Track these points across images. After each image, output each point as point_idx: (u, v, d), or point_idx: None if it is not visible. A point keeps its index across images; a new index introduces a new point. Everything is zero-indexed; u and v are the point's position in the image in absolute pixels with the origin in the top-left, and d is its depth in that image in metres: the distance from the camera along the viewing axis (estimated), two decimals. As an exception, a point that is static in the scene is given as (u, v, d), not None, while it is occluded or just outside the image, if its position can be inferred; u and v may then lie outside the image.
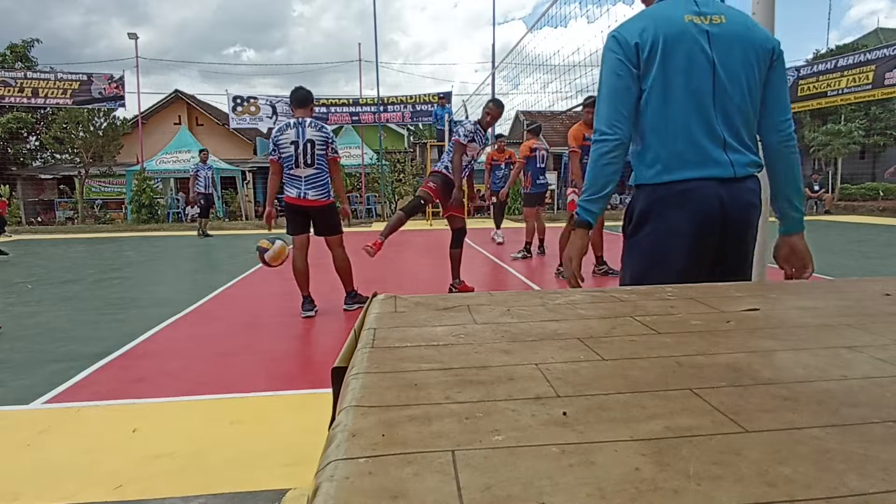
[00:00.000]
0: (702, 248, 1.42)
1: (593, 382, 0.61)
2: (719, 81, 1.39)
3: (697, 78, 1.38)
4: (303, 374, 2.95)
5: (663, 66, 1.39)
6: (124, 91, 15.90)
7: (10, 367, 3.09)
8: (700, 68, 1.38)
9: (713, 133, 1.40)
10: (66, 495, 1.74)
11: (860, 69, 13.38)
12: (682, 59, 1.38)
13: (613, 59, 1.43)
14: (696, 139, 1.40)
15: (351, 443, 0.46)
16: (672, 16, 1.41)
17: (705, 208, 1.39)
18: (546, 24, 13.40)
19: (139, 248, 9.93)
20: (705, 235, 1.41)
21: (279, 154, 4.03)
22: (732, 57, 1.40)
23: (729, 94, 1.40)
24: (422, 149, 19.96)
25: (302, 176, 4.01)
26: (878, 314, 0.89)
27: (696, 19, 1.40)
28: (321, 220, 4.15)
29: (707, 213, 1.39)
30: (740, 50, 1.40)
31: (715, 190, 1.39)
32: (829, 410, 0.52)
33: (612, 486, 0.39)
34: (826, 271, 5.73)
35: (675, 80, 1.39)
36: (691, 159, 1.40)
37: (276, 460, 1.94)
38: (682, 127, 1.40)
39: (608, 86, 1.45)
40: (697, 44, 1.38)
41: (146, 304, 4.75)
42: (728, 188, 1.40)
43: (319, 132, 4.04)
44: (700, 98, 1.39)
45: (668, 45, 1.38)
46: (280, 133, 4.03)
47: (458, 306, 0.98)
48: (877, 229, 10.62)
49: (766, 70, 1.44)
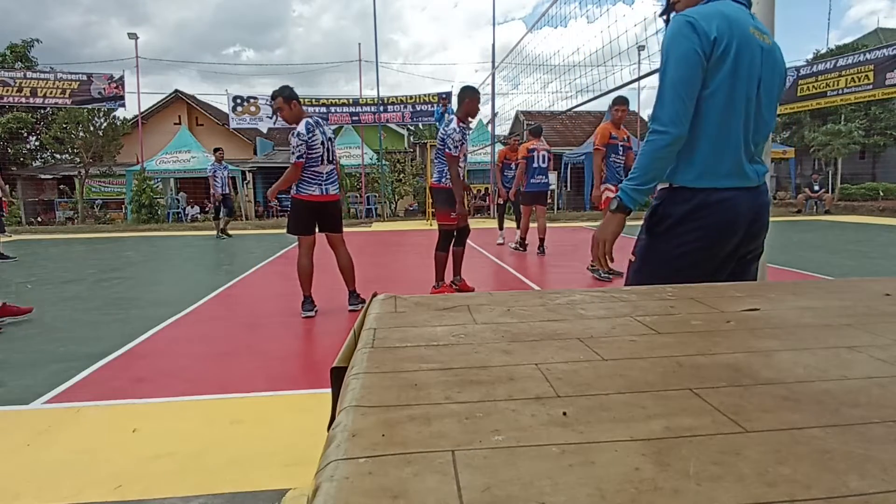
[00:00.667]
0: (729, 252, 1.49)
1: (593, 382, 0.61)
2: (760, 99, 1.45)
3: (749, 91, 1.42)
4: (303, 375, 2.95)
5: (734, 72, 1.38)
6: (124, 91, 15.90)
7: (10, 367, 3.09)
8: (753, 83, 1.42)
9: (747, 145, 1.46)
10: (66, 495, 1.74)
11: (860, 69, 13.38)
12: (746, 69, 1.40)
13: (688, 46, 1.37)
14: (738, 149, 1.45)
15: (351, 443, 0.46)
16: (742, 21, 1.41)
17: (738, 216, 1.45)
18: (546, 23, 13.43)
19: (139, 248, 9.93)
20: (733, 241, 1.47)
21: (308, 155, 4.01)
22: (772, 79, 1.47)
23: (763, 112, 1.47)
24: (422, 149, 19.97)
25: (324, 172, 4.11)
26: (878, 314, 0.89)
27: (756, 33, 1.43)
28: (334, 216, 4.23)
29: (737, 222, 1.45)
30: (778, 74, 1.48)
31: (746, 199, 1.46)
32: (829, 410, 0.52)
33: (612, 486, 0.39)
34: (826, 271, 5.73)
35: (738, 88, 1.40)
36: (731, 168, 1.45)
37: (276, 460, 1.94)
38: (733, 136, 1.43)
39: (678, 74, 1.38)
40: (757, 58, 1.41)
41: (146, 304, 4.75)
42: (755, 195, 1.49)
43: (329, 129, 4.21)
44: (748, 111, 1.43)
45: (741, 52, 1.38)
46: (311, 134, 4.01)
47: (458, 306, 0.98)
48: (877, 229, 10.62)
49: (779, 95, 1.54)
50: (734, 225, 1.45)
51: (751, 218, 1.47)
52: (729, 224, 1.45)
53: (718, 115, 1.41)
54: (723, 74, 1.38)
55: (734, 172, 1.45)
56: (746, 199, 1.46)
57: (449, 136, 4.37)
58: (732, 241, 1.47)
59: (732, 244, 1.47)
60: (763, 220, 1.52)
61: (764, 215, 1.52)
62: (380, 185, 17.83)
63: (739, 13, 1.43)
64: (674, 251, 1.48)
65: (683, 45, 1.38)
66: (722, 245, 1.46)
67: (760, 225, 1.52)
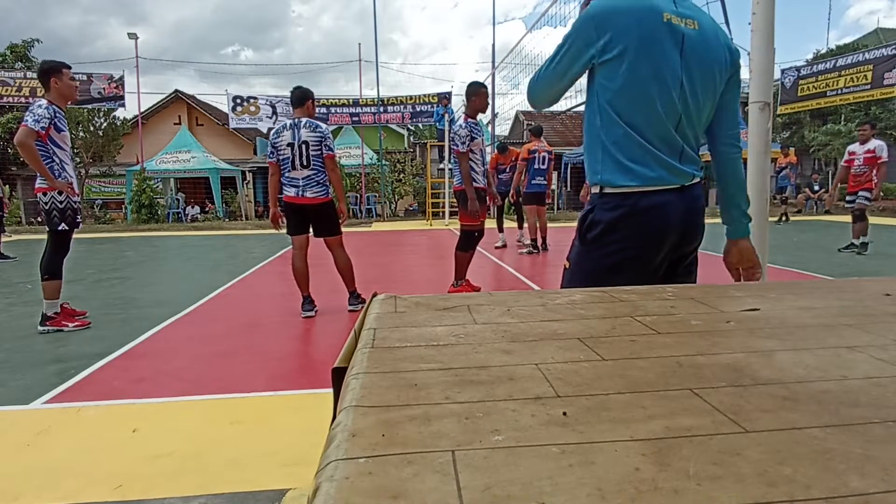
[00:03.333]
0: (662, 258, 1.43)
1: (593, 382, 0.61)
2: (685, 90, 1.37)
3: (669, 82, 1.35)
4: (303, 375, 2.95)
5: (638, 66, 1.33)
6: (124, 91, 15.90)
7: (10, 367, 3.09)
8: (670, 74, 1.34)
9: (674, 142, 1.39)
10: (66, 495, 1.74)
11: (859, 69, 13.38)
12: (658, 62, 1.33)
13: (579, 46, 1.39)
14: (665, 144, 1.38)
15: (351, 443, 0.46)
16: (656, 9, 1.34)
17: (668, 223, 1.39)
18: (546, 23, 13.43)
19: (139, 248, 9.92)
20: (664, 247, 1.41)
21: (277, 156, 4.04)
22: (701, 67, 1.37)
23: (691, 104, 1.39)
24: (422, 149, 19.95)
25: (299, 177, 4.02)
26: (878, 314, 0.89)
27: (674, 19, 1.35)
28: (320, 220, 4.15)
29: (668, 225, 1.40)
30: (709, 61, 1.39)
31: (677, 203, 1.40)
32: (829, 410, 0.52)
33: (612, 486, 0.39)
34: (826, 271, 5.73)
35: (650, 82, 1.34)
36: (658, 166, 1.38)
37: (276, 460, 1.94)
38: (656, 132, 1.37)
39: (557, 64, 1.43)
40: (672, 48, 1.34)
41: (146, 304, 4.75)
42: (687, 196, 1.42)
43: (314, 132, 4.03)
44: (671, 103, 1.36)
45: (648, 44, 1.33)
46: (277, 135, 4.05)
47: (458, 306, 0.98)
48: (877, 229, 10.62)
49: (725, 82, 1.45)
50: (665, 232, 1.40)
51: (684, 221, 1.41)
52: (660, 231, 1.40)
53: (634, 112, 1.36)
54: (627, 72, 1.33)
55: (660, 174, 1.38)
56: (678, 202, 1.40)
57: (456, 134, 4.39)
58: (664, 247, 1.42)
59: (664, 250, 1.42)
60: (697, 222, 1.46)
61: (697, 219, 1.46)
62: (380, 185, 17.83)
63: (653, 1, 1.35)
64: (605, 259, 1.43)
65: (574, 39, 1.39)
66: (653, 252, 1.41)
67: (694, 228, 1.46)
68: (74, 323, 3.93)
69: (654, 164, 1.38)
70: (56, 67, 3.83)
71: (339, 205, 4.27)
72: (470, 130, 4.40)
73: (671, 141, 1.39)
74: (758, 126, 2.07)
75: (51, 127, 3.68)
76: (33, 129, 3.58)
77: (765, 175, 2.12)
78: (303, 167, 4.01)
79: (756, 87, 2.08)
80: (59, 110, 3.77)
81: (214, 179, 17.82)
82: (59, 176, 3.74)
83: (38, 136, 3.62)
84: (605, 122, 1.40)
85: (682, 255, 1.48)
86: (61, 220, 3.75)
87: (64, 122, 3.82)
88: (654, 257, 1.42)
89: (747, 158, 2.15)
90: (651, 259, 1.42)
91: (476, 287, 4.73)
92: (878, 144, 7.12)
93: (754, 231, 2.14)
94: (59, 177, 3.74)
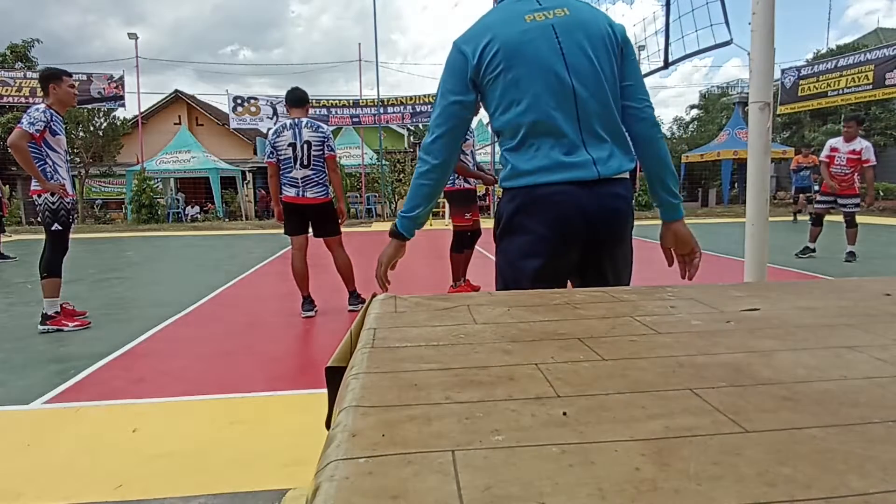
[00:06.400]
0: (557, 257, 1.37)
1: (593, 382, 0.61)
2: (575, 75, 1.32)
3: (550, 77, 1.32)
4: (303, 375, 2.95)
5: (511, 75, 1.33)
6: (124, 91, 15.91)
7: (10, 367, 3.09)
8: (551, 67, 1.32)
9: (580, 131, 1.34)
10: (66, 495, 1.74)
11: (860, 69, 13.38)
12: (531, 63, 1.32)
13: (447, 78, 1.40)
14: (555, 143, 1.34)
15: (351, 443, 0.46)
16: (512, 18, 1.35)
17: (564, 214, 1.33)
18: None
19: (139, 248, 9.93)
20: (562, 244, 1.35)
21: (277, 156, 4.04)
22: (582, 46, 1.33)
23: (587, 86, 1.33)
24: (422, 149, 19.94)
25: (299, 177, 4.02)
26: (878, 314, 0.89)
27: (538, 16, 1.34)
28: (319, 220, 4.15)
29: (565, 220, 1.33)
30: (588, 38, 1.34)
31: (580, 195, 1.32)
32: (829, 410, 0.52)
33: (612, 486, 0.39)
34: (826, 271, 5.73)
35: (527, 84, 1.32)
36: (547, 164, 1.33)
37: (276, 460, 1.94)
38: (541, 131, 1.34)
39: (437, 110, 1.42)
40: (545, 42, 1.33)
41: (146, 304, 4.75)
42: (592, 191, 1.32)
43: (316, 132, 4.04)
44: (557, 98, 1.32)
45: (511, 52, 1.32)
46: (277, 135, 4.05)
47: (458, 306, 0.98)
48: (877, 229, 10.62)
49: (619, 56, 1.40)
50: (564, 222, 1.33)
51: (589, 216, 1.32)
52: (556, 221, 1.33)
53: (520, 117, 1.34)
54: (504, 80, 1.33)
55: (553, 168, 1.33)
56: (577, 195, 1.31)
57: None
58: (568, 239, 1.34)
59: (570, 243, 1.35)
60: (615, 226, 1.37)
61: (610, 216, 1.35)
62: (380, 185, 17.84)
63: (508, 11, 1.37)
64: (509, 255, 1.42)
65: (444, 78, 1.41)
66: (554, 244, 1.35)
67: (607, 229, 1.36)
68: (74, 323, 3.94)
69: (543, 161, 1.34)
70: (56, 74, 3.85)
71: (338, 205, 4.27)
72: None
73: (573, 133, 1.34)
74: (758, 126, 2.07)
75: (45, 130, 3.70)
76: (27, 132, 3.61)
77: (765, 175, 2.12)
78: (303, 167, 4.01)
79: (756, 87, 2.07)
80: (56, 115, 3.79)
81: (214, 179, 17.84)
82: (52, 178, 3.76)
83: (31, 139, 3.64)
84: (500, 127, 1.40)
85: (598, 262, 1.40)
86: (54, 221, 3.77)
87: (61, 126, 3.84)
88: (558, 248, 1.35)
89: (747, 158, 2.15)
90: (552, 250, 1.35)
91: (476, 287, 4.73)
92: (864, 146, 6.36)
93: (755, 231, 2.14)
94: (52, 179, 3.75)
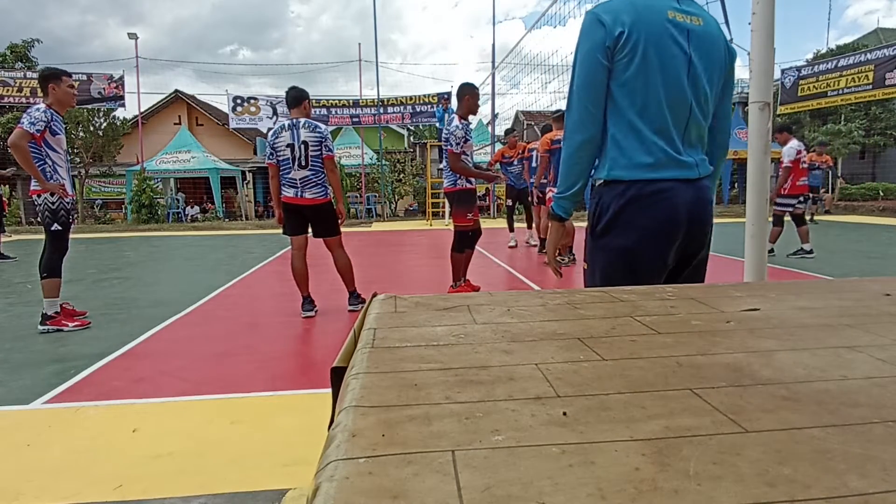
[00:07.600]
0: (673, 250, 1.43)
1: (593, 382, 0.61)
2: (693, 83, 1.39)
3: (674, 78, 1.37)
4: (303, 374, 2.95)
5: (647, 62, 1.35)
6: (124, 91, 15.90)
7: (9, 367, 3.09)
8: (677, 68, 1.37)
9: (683, 134, 1.41)
10: (66, 495, 1.74)
11: (860, 69, 13.38)
12: (664, 58, 1.36)
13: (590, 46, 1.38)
14: (669, 140, 1.40)
15: (351, 443, 0.46)
16: (658, 8, 1.37)
17: (676, 208, 1.39)
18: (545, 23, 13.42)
19: (139, 248, 9.93)
20: (675, 236, 1.41)
21: (276, 157, 4.04)
22: (707, 60, 1.41)
23: (700, 96, 1.41)
24: (422, 149, 19.95)
25: (297, 178, 4.02)
26: (878, 314, 0.89)
27: (678, 16, 1.38)
28: (318, 221, 4.15)
29: (677, 214, 1.40)
30: (714, 54, 1.42)
31: (684, 192, 1.40)
32: (829, 410, 0.52)
33: (612, 486, 0.39)
34: (826, 271, 5.73)
35: (656, 78, 1.36)
36: (663, 160, 1.39)
37: (276, 460, 1.94)
38: (660, 126, 1.39)
39: (581, 80, 1.40)
40: (677, 43, 1.37)
41: (146, 304, 4.75)
42: (694, 188, 1.42)
43: (313, 133, 4.03)
44: (675, 98, 1.38)
45: (654, 41, 1.35)
46: (276, 136, 4.05)
47: (458, 306, 0.98)
48: (877, 229, 10.62)
49: (722, 82, 1.47)
50: (674, 218, 1.39)
51: (691, 212, 1.40)
52: (668, 217, 1.39)
53: (640, 107, 1.37)
54: (636, 66, 1.35)
55: (667, 164, 1.39)
56: (685, 192, 1.40)
57: (452, 134, 4.36)
58: (674, 236, 1.40)
59: (675, 240, 1.41)
60: (704, 218, 1.45)
61: (704, 213, 1.45)
62: (380, 185, 17.83)
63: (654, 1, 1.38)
64: (615, 251, 1.43)
65: (586, 45, 1.39)
66: (663, 240, 1.40)
67: (702, 223, 1.45)
68: (74, 323, 3.94)
69: (657, 157, 1.39)
70: (55, 74, 3.85)
71: (337, 205, 4.27)
72: (465, 132, 4.43)
73: (679, 134, 1.41)
74: (758, 126, 2.07)
75: (46, 130, 3.70)
76: (28, 131, 3.61)
77: (765, 175, 2.12)
78: (301, 168, 4.01)
79: (756, 87, 2.08)
80: (56, 115, 3.79)
81: (214, 179, 17.83)
82: (51, 178, 3.76)
83: (31, 138, 3.64)
84: (612, 114, 1.42)
85: (689, 254, 1.47)
86: (54, 221, 3.77)
87: (61, 126, 3.84)
88: (664, 246, 1.41)
89: (747, 158, 2.15)
90: (660, 247, 1.41)
91: (476, 287, 4.73)
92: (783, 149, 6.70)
93: (755, 231, 2.14)
94: (51, 178, 3.76)
